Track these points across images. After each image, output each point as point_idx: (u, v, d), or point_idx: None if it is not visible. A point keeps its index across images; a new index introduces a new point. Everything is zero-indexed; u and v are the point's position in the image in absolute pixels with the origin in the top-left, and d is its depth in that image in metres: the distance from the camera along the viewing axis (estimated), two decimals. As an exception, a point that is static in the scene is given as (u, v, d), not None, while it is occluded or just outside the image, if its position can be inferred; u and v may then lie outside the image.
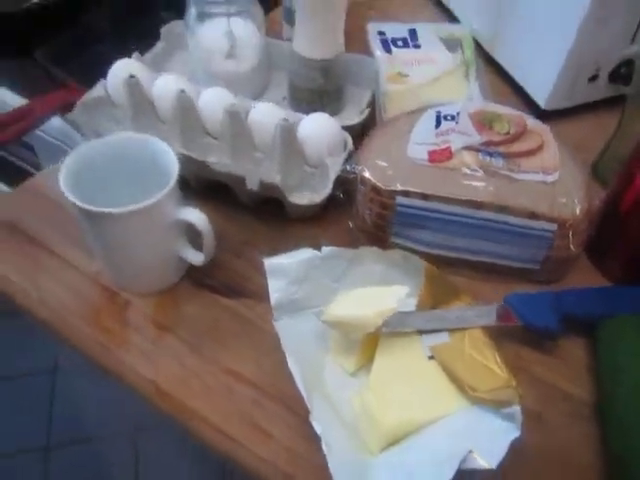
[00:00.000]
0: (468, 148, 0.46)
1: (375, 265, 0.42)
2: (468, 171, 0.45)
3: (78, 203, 0.37)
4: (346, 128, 0.54)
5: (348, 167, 0.49)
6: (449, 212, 0.45)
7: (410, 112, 0.51)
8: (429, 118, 0.49)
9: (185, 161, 0.49)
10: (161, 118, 0.55)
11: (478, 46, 0.66)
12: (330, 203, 0.51)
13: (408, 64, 0.64)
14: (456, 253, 0.47)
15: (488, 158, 0.46)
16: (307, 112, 0.60)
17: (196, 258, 0.43)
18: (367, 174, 0.47)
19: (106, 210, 0.37)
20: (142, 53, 0.62)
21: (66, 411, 1.23)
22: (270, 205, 0.51)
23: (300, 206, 0.50)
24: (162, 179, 0.41)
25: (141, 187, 0.42)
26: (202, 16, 0.57)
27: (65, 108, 0.69)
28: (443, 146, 0.47)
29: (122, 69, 0.55)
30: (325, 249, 0.41)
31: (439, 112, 0.49)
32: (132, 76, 0.52)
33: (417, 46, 0.66)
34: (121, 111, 0.55)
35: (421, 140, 0.48)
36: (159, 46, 0.64)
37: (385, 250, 0.42)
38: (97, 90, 0.56)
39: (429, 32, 0.67)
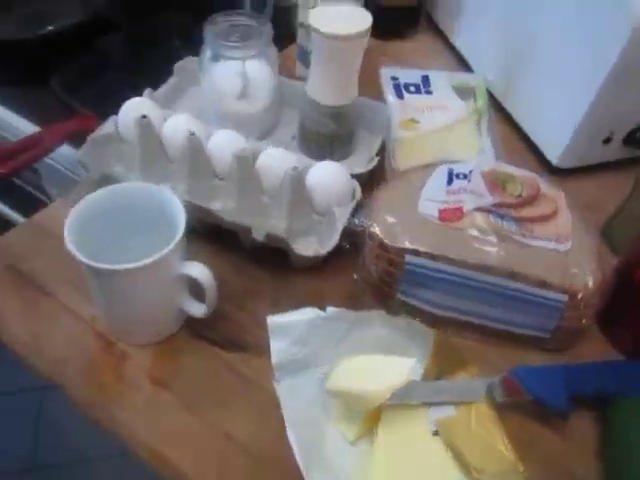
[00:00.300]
0: (480, 209, 0.46)
1: (380, 329, 0.41)
2: (479, 234, 0.45)
3: (83, 260, 0.36)
4: (355, 176, 0.53)
5: (357, 220, 0.48)
6: (458, 274, 0.44)
7: (422, 166, 0.51)
8: (441, 174, 0.48)
9: (190, 206, 0.49)
10: (170, 158, 0.54)
11: (491, 97, 0.65)
12: (335, 252, 0.50)
13: (420, 110, 0.64)
14: (464, 316, 0.46)
15: (500, 221, 0.45)
16: (316, 154, 0.60)
17: (198, 311, 0.42)
18: (376, 230, 0.46)
19: (110, 267, 0.36)
20: (155, 84, 0.62)
21: (53, 431, 1.21)
22: (274, 253, 0.50)
23: (305, 257, 0.49)
24: (169, 229, 0.40)
25: (148, 236, 0.41)
26: (217, 57, 0.57)
27: (76, 137, 0.69)
28: (454, 205, 0.46)
29: (134, 108, 0.55)
30: (329, 310, 0.40)
31: (451, 169, 0.48)
32: (144, 116, 0.52)
33: (429, 92, 0.66)
34: (130, 148, 0.55)
35: (432, 197, 0.47)
36: (171, 82, 0.64)
37: (390, 314, 0.41)
38: (107, 127, 0.55)
39: (442, 79, 0.67)
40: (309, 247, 0.50)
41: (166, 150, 0.54)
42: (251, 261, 0.51)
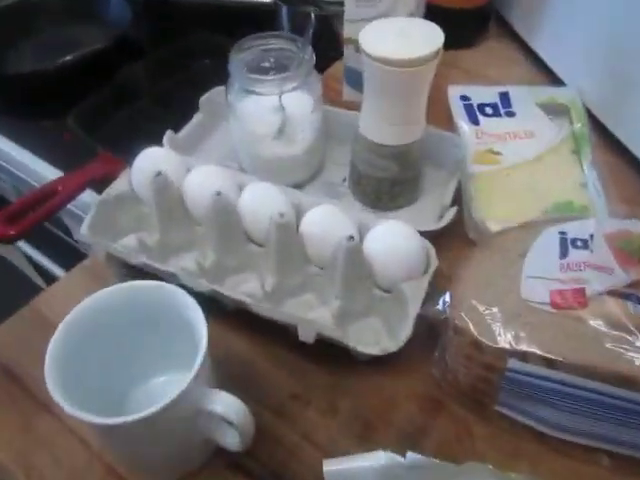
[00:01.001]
0: (612, 292, 0.33)
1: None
2: (611, 328, 0.32)
3: (77, 415, 0.26)
4: (423, 233, 0.41)
5: (438, 307, 0.36)
6: (583, 387, 0.32)
7: (520, 227, 0.39)
8: (550, 241, 0.36)
9: (219, 295, 0.38)
10: (196, 220, 0.44)
11: (590, 116, 0.52)
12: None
13: (501, 139, 0.51)
14: (586, 440, 0.34)
15: (643, 310, 0.32)
16: (374, 202, 0.49)
17: (232, 445, 0.32)
18: (466, 323, 0.34)
19: (115, 422, 0.26)
20: (185, 115, 0.53)
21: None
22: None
23: (369, 355, 0.37)
24: (185, 332, 0.30)
25: (161, 337, 0.31)
26: (247, 90, 0.46)
27: (98, 181, 0.60)
28: (573, 286, 0.34)
29: (148, 161, 0.45)
30: (411, 456, 0.29)
31: (564, 233, 0.36)
32: (158, 174, 0.42)
33: (510, 114, 0.53)
34: (149, 210, 0.45)
35: (539, 273, 0.35)
36: (197, 119, 0.54)
37: (499, 470, 0.29)
38: (119, 184, 0.46)
39: (525, 96, 0.54)
40: (371, 340, 0.39)
41: (190, 211, 0.44)
42: (296, 351, 0.40)
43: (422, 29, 0.41)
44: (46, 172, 0.64)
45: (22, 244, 0.90)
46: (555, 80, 0.57)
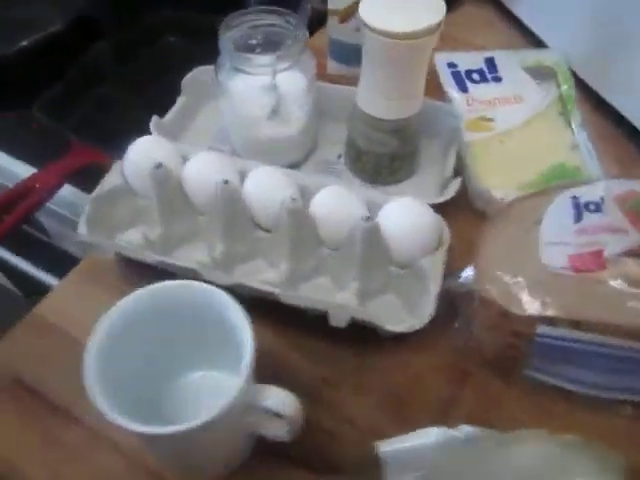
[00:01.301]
0: (629, 252, 0.34)
1: (536, 452, 0.30)
2: (632, 287, 0.33)
3: (127, 425, 0.25)
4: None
5: (460, 280, 0.37)
6: (609, 344, 0.33)
7: (532, 195, 0.39)
8: (563, 206, 0.37)
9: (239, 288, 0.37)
10: (199, 210, 0.43)
11: (574, 76, 0.53)
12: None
13: (491, 105, 0.52)
14: (613, 393, 0.35)
15: (659, 267, 0.34)
16: (373, 178, 0.48)
17: (281, 436, 0.31)
18: (491, 293, 0.35)
19: (170, 431, 0.25)
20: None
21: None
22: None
23: (394, 332, 0.38)
24: (220, 329, 0.30)
25: (193, 333, 0.31)
26: (238, 69, 0.44)
27: (74, 174, 0.57)
28: (590, 249, 0.35)
29: (141, 152, 0.43)
30: (465, 429, 0.30)
31: (577, 198, 0.37)
32: (159, 165, 0.40)
33: (497, 79, 0.53)
34: (147, 201, 0.43)
35: (556, 239, 0.36)
36: (180, 102, 0.51)
37: (552, 434, 0.30)
38: (112, 179, 0.43)
39: (510, 60, 0.54)
40: (390, 317, 0.39)
41: (191, 201, 0.43)
42: (319, 334, 0.39)
43: (423, 1, 0.40)
44: (16, 169, 0.60)
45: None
46: (537, 43, 0.57)
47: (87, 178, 0.49)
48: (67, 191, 0.57)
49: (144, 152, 0.42)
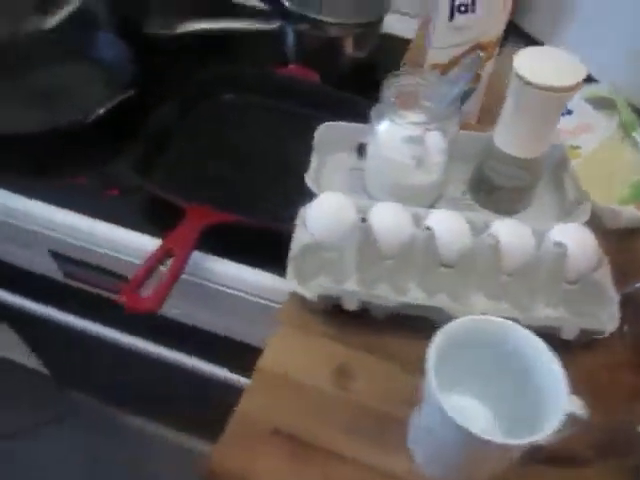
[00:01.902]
0: None
1: None
2: None
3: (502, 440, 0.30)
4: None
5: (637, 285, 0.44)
6: None
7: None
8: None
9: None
10: (387, 256, 0.47)
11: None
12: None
13: (574, 135, 0.61)
14: None
15: None
16: (505, 209, 0.54)
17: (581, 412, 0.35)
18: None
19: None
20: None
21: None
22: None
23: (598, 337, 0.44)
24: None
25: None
26: (390, 121, 0.50)
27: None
28: None
29: (332, 208, 0.46)
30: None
31: None
32: (364, 219, 0.44)
33: (569, 112, 0.63)
34: (334, 255, 0.46)
35: None
36: (315, 159, 0.55)
37: None
38: (300, 237, 0.47)
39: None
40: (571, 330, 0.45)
41: (381, 248, 0.47)
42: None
43: (564, 59, 0.47)
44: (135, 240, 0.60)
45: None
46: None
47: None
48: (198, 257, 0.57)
49: (334, 208, 0.46)
